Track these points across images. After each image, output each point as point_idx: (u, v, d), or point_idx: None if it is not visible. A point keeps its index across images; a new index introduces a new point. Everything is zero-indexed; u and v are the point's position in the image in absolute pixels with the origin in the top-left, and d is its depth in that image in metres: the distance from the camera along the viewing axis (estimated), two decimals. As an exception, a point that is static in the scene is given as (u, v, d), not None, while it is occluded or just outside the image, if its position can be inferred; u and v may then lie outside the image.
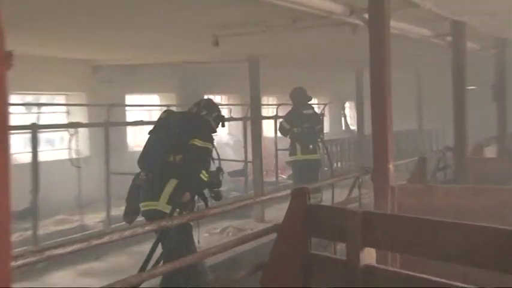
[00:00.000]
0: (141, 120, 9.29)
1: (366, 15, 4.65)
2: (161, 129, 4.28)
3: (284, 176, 11.75)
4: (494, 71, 8.40)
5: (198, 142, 4.15)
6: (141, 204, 4.19)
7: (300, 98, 7.91)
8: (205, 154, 4.19)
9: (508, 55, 8.51)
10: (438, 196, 4.19)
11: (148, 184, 4.19)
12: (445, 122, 9.48)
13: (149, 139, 4.36)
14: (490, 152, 7.68)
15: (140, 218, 4.29)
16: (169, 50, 8.18)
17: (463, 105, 6.45)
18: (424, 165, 5.41)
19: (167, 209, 3.96)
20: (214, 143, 4.34)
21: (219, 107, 4.69)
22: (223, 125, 4.56)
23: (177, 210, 3.89)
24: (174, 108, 10.70)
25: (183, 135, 4.16)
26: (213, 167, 4.32)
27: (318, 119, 8.24)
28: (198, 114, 4.44)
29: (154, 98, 11.58)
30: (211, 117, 4.46)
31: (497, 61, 8.38)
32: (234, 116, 10.86)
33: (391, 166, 4.26)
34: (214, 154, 4.38)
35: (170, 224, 2.72)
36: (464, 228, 2.66)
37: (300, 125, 7.75)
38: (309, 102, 7.99)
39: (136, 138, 11.29)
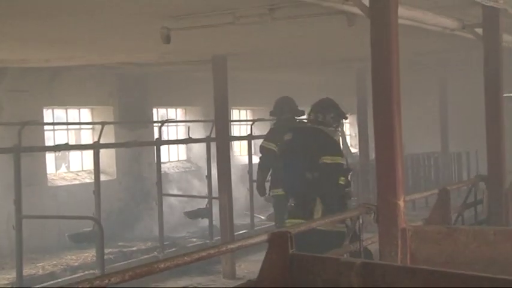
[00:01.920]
0: (66, 144, 9.28)
1: (366, 1, 4.81)
2: (291, 151, 5.97)
3: (262, 217, 11.83)
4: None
5: (327, 159, 5.76)
6: (292, 221, 5.72)
7: (287, 111, 8.11)
8: (339, 168, 5.80)
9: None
10: (464, 242, 4.30)
11: (296, 204, 5.86)
12: (479, 142, 9.69)
13: (283, 163, 6.10)
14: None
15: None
16: (103, 47, 8.26)
17: (499, 118, 6.63)
18: (447, 200, 5.55)
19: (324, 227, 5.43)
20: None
21: (332, 102, 6.19)
22: (345, 118, 6.32)
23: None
24: (112, 127, 10.73)
25: (312, 152, 5.81)
26: None
27: None
28: (314, 125, 6.02)
29: (84, 113, 11.60)
30: (329, 122, 6.01)
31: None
32: (194, 136, 10.95)
33: (401, 202, 4.37)
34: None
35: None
36: (499, 284, 2.76)
37: None
38: (300, 117, 8.20)
39: (60, 168, 11.26)
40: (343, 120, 6.55)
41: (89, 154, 10.12)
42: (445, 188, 5.75)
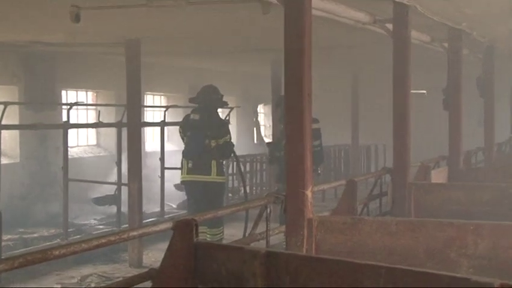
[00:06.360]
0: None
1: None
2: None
3: (173, 205, 11.76)
4: (447, 71, 8.86)
5: None
6: None
7: (208, 99, 8.25)
8: None
9: (463, 51, 9.07)
10: (367, 232, 4.41)
11: None
12: (387, 136, 9.99)
13: None
14: (439, 175, 8.18)
15: None
16: (7, 24, 7.94)
17: (406, 113, 6.83)
18: (353, 191, 5.66)
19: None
20: None
21: None
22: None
23: None
24: (17, 108, 10.34)
25: None
26: None
27: (207, 126, 8.10)
28: None
29: (-14, 93, 11.12)
30: None
31: (450, 58, 8.87)
32: (105, 120, 10.73)
33: (309, 192, 4.43)
34: None
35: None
36: (396, 273, 2.84)
37: (186, 133, 8.09)
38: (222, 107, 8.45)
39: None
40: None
41: (-10, 136, 9.70)
42: (352, 179, 5.86)
